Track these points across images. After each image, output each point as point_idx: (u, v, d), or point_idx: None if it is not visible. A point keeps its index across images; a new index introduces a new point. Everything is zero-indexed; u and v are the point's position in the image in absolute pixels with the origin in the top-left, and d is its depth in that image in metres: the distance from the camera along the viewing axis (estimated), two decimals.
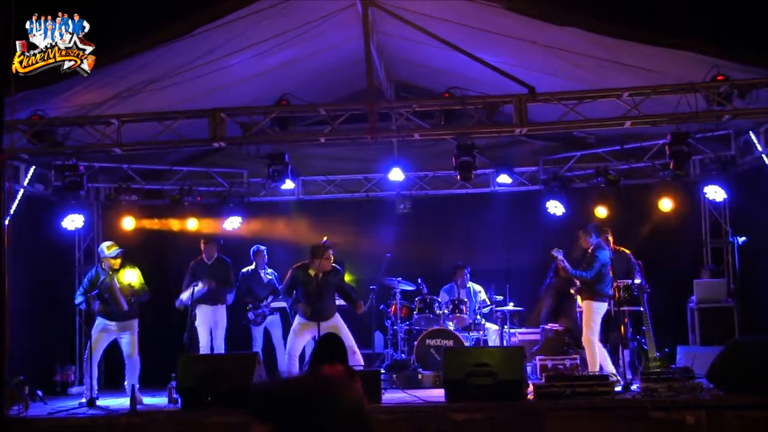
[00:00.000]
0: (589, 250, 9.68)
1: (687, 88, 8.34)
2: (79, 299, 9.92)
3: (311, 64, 10.50)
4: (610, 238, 10.19)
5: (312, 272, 9.45)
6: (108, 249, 9.77)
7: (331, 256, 9.53)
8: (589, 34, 8.11)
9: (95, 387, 9.52)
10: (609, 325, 9.96)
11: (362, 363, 9.38)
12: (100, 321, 9.70)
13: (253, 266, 11.28)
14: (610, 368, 9.34)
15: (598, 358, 9.35)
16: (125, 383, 9.62)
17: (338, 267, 9.79)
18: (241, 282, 11.25)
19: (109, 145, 9.11)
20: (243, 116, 9.20)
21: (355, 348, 9.19)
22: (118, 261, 9.73)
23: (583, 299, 9.72)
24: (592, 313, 9.51)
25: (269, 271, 11.29)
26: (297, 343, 9.59)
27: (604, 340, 9.94)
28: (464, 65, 9.29)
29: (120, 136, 8.96)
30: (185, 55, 8.75)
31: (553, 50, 8.90)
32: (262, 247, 11.36)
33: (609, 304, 9.61)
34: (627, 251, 10.46)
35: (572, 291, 10.24)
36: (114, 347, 9.86)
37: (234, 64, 9.42)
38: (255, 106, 9.39)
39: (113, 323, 9.64)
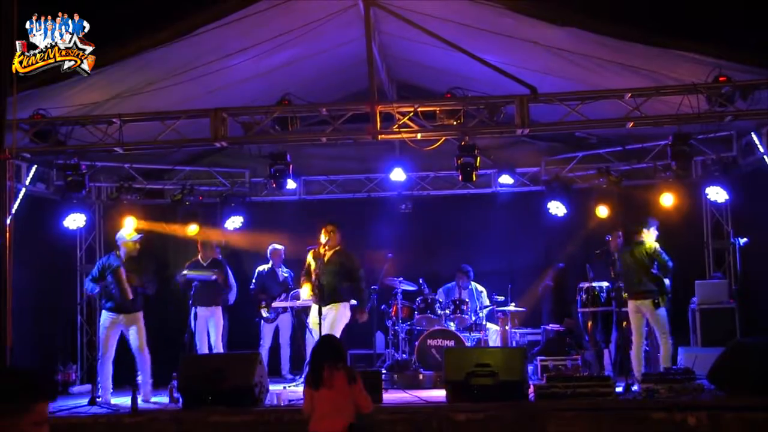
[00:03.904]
0: (651, 250, 9.62)
1: (689, 89, 8.33)
2: (89, 285, 9.83)
3: (313, 64, 10.50)
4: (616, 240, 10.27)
5: (321, 250, 9.37)
6: (129, 234, 9.78)
7: (330, 233, 9.43)
8: (591, 34, 8.11)
9: (110, 387, 9.47)
10: (611, 326, 9.97)
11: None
12: (105, 317, 9.56)
13: (269, 264, 11.32)
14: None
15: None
16: (138, 379, 9.56)
17: (350, 252, 9.66)
18: (257, 280, 11.28)
19: (111, 145, 9.11)
20: (245, 116, 9.19)
21: None
22: (137, 246, 9.71)
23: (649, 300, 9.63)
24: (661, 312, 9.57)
25: (285, 270, 11.33)
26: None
27: (605, 341, 9.95)
28: (466, 65, 9.29)
29: (122, 135, 8.96)
30: (187, 54, 8.76)
31: (555, 51, 8.89)
32: (280, 246, 11.37)
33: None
34: None
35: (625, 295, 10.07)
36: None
37: (236, 63, 9.42)
38: (257, 106, 9.39)
39: (120, 316, 9.53)
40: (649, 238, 9.70)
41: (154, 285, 9.80)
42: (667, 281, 9.71)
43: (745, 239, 10.10)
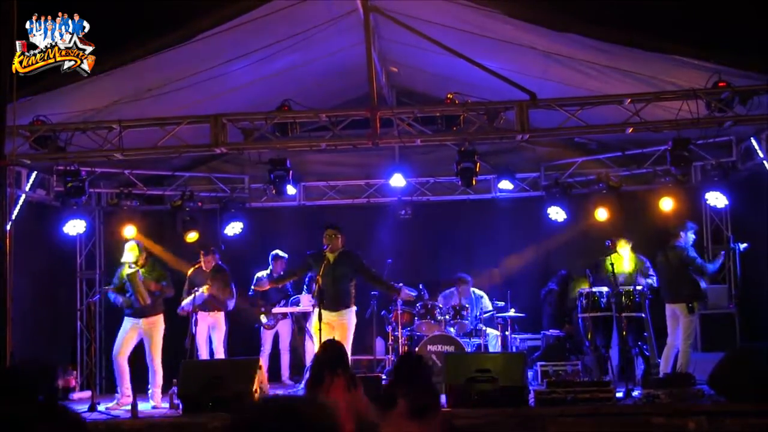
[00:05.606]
0: (685, 255, 9.64)
1: (688, 94, 8.35)
2: (111, 295, 9.94)
3: (313, 69, 10.52)
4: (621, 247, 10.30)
5: (328, 255, 9.28)
6: (128, 257, 9.85)
7: (332, 236, 9.14)
8: (590, 40, 8.13)
9: (128, 386, 9.55)
10: (611, 331, 9.96)
11: None
12: (126, 321, 9.72)
13: (268, 271, 11.24)
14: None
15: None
16: (148, 389, 9.63)
17: (352, 252, 9.43)
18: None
19: (111, 151, 9.12)
20: (244, 122, 9.20)
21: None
22: (136, 260, 9.75)
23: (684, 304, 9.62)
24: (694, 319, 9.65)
25: None
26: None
27: (605, 346, 9.94)
28: (465, 71, 9.30)
29: (121, 141, 8.98)
30: (187, 60, 8.77)
31: (553, 56, 8.92)
32: (283, 255, 11.29)
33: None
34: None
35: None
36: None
37: (235, 69, 9.43)
38: (256, 112, 9.40)
39: (140, 321, 9.65)
40: (687, 241, 9.74)
41: (171, 288, 9.94)
42: (703, 284, 9.75)
43: (744, 244, 10.10)
